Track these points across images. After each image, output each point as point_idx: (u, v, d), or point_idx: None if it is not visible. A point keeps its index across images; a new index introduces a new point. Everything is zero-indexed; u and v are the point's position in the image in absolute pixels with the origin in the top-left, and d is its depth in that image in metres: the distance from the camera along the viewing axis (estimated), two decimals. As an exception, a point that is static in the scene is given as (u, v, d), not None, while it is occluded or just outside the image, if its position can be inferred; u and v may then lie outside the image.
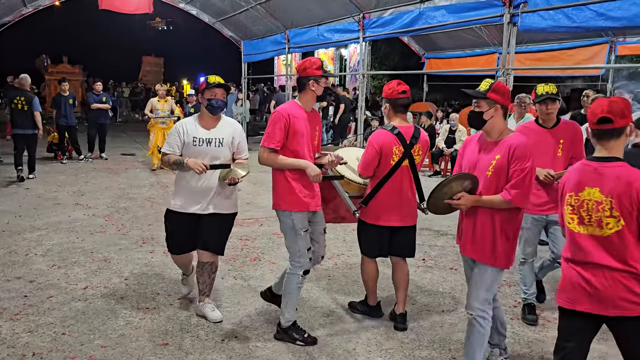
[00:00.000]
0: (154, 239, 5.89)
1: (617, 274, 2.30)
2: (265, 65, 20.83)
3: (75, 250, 5.48)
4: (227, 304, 4.25)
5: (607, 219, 2.30)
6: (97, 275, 4.79)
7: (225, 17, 14.28)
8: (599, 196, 2.31)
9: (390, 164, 3.68)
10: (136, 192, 8.41)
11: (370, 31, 9.00)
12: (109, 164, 11.09)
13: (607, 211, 2.29)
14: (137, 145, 14.41)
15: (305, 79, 3.51)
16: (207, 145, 3.76)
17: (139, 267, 5.05)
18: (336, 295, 4.47)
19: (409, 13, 7.86)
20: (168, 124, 10.35)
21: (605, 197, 2.30)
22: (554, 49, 10.98)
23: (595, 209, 2.33)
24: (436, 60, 14.58)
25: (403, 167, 3.72)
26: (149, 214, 7.03)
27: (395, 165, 3.69)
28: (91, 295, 4.35)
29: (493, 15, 6.15)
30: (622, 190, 2.26)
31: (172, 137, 3.79)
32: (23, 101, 8.83)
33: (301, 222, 3.54)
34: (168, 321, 3.92)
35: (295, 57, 21.82)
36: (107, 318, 3.94)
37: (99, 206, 7.38)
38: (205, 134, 3.78)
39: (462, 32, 11.80)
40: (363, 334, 3.80)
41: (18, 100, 8.83)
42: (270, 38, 12.90)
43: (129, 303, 4.22)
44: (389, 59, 24.46)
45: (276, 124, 3.41)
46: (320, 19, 10.48)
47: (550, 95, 3.88)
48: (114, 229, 6.31)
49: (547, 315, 4.20)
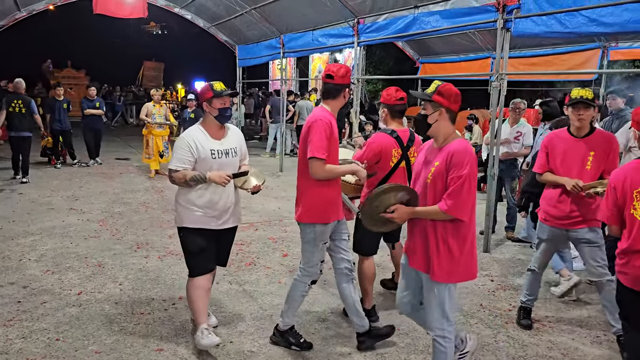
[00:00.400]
0: (148, 244, 5.88)
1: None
2: (259, 69, 20.83)
3: (69, 255, 5.46)
4: (223, 309, 4.24)
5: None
6: (92, 281, 4.77)
7: (220, 22, 14.27)
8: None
9: (390, 165, 3.83)
10: (131, 196, 8.39)
11: (364, 36, 9.01)
12: (103, 168, 11.06)
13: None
14: (131, 149, 14.38)
15: (341, 86, 3.45)
16: (226, 156, 3.53)
17: (133, 272, 5.03)
18: (331, 299, 4.47)
19: (404, 18, 7.87)
20: (165, 129, 10.31)
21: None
22: (547, 54, 11.04)
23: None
24: (430, 65, 14.62)
25: (400, 168, 3.87)
26: (144, 218, 7.01)
27: (394, 167, 3.84)
28: (85, 300, 4.33)
29: (486, 21, 6.17)
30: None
31: (182, 152, 3.41)
32: (21, 104, 9.13)
33: (323, 235, 3.48)
34: (163, 326, 3.91)
35: (290, 61, 21.86)
36: (102, 323, 3.92)
37: (93, 211, 7.36)
38: (219, 145, 3.52)
39: (456, 37, 11.84)
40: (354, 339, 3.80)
41: (16, 104, 9.11)
42: (265, 43, 12.89)
43: (124, 308, 4.20)
44: (384, 64, 24.51)
45: (323, 132, 3.28)
46: (315, 23, 10.49)
47: (583, 100, 3.58)
48: (108, 234, 6.29)
49: (541, 319, 4.22)
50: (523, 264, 5.51)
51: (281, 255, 5.65)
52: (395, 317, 4.05)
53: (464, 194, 2.67)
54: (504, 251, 6.05)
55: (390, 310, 4.24)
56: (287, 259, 5.53)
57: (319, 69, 23.43)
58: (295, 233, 6.36)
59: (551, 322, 4.19)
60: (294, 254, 5.67)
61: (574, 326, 4.12)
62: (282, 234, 6.43)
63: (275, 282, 4.89)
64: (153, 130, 10.22)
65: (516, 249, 6.13)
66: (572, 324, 4.16)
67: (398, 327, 3.90)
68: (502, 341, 3.84)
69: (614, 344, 3.80)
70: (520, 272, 5.32)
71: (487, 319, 4.21)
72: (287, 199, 8.48)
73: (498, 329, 4.03)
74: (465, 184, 2.66)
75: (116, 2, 13.06)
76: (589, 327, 4.11)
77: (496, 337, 3.89)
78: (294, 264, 5.36)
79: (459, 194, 2.67)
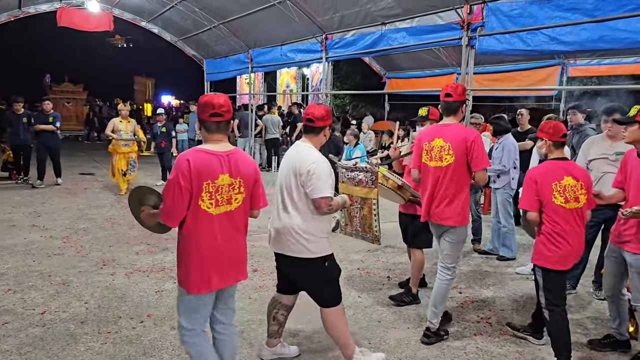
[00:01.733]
0: (114, 261, 5.76)
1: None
2: (227, 84, 20.77)
3: (31, 273, 5.29)
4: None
5: None
6: (56, 300, 4.64)
7: (187, 36, 14.24)
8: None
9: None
10: (95, 212, 8.21)
11: (333, 51, 9.13)
12: (67, 184, 10.75)
13: None
14: (96, 164, 14.10)
15: (460, 102, 3.89)
16: None
17: (99, 290, 4.91)
18: (302, 315, 4.46)
19: (371, 34, 8.03)
20: (131, 146, 9.79)
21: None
22: (510, 70, 11.40)
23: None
24: (397, 80, 14.89)
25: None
26: (110, 235, 6.87)
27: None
28: (49, 320, 4.21)
29: (452, 38, 6.35)
30: None
31: (329, 177, 3.24)
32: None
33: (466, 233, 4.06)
34: (131, 345, 3.82)
35: (258, 76, 21.88)
36: (67, 344, 3.81)
37: (56, 227, 7.16)
38: None
39: (422, 53, 12.11)
40: (330, 353, 3.80)
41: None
42: (233, 57, 12.92)
43: (90, 328, 4.10)
44: (350, 79, 24.80)
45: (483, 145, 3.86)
46: (284, 39, 10.57)
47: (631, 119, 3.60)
48: (72, 251, 6.13)
49: (507, 331, 4.29)
50: (489, 276, 5.62)
51: (251, 270, 5.61)
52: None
53: (166, 201, 2.76)
54: (470, 263, 6.16)
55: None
56: (256, 274, 5.50)
57: (286, 84, 23.53)
58: (264, 248, 6.34)
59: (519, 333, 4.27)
60: (263, 269, 5.64)
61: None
62: (251, 249, 6.36)
63: (246, 297, 4.85)
64: (118, 147, 9.68)
65: (481, 260, 6.24)
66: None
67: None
68: (471, 352, 3.89)
69: (578, 352, 3.91)
70: (487, 283, 5.42)
71: (455, 331, 4.26)
72: (257, 213, 8.43)
73: (467, 341, 4.08)
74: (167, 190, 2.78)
75: (81, 15, 12.90)
76: (555, 336, 4.21)
77: (465, 349, 3.94)
78: (264, 279, 5.33)
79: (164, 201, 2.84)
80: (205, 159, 2.73)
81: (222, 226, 2.81)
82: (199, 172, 2.68)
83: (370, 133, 13.64)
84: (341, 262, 5.76)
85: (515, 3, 5.64)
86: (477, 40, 5.99)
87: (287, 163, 3.38)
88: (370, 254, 6.29)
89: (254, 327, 4.20)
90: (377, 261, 6.06)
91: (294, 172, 3.26)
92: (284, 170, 3.38)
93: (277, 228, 3.34)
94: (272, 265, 5.72)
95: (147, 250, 6.17)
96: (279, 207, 3.36)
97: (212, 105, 2.78)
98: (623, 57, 9.99)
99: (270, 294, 4.87)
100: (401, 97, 18.59)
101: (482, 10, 5.90)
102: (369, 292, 5.09)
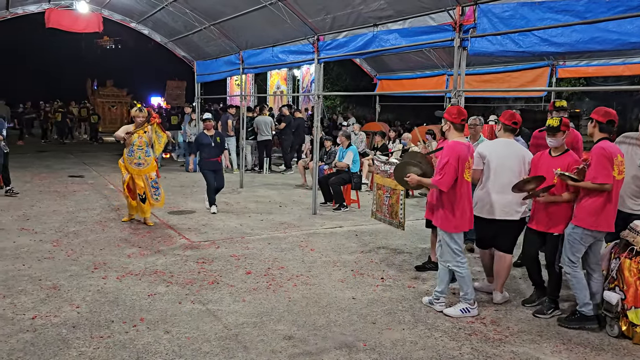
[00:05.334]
0: (106, 264, 5.70)
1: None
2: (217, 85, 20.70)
3: (21, 278, 5.22)
4: (185, 330, 4.14)
5: None
6: (47, 304, 4.58)
7: (178, 37, 14.14)
8: None
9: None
10: (86, 215, 8.13)
11: (324, 53, 9.10)
12: (56, 186, 10.64)
13: None
14: (85, 166, 13.97)
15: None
16: None
17: (91, 294, 4.86)
18: (297, 317, 4.44)
19: (363, 36, 8.01)
20: (146, 165, 7.45)
21: None
22: (500, 71, 11.45)
23: None
24: (388, 82, 14.91)
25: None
26: (100, 238, 6.80)
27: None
28: (40, 325, 4.15)
29: (444, 40, 6.34)
30: None
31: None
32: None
33: None
34: (124, 350, 3.78)
35: (249, 77, 21.83)
36: (59, 349, 3.76)
37: (46, 231, 7.08)
38: None
39: (412, 55, 12.13)
40: (325, 355, 3.78)
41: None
42: (224, 58, 12.83)
43: (82, 332, 4.04)
44: (341, 80, 24.85)
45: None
46: (275, 40, 10.52)
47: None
48: (63, 254, 6.06)
49: (503, 330, 4.30)
50: (482, 275, 5.63)
51: (244, 272, 5.58)
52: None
53: None
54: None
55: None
56: (250, 276, 5.46)
57: (277, 85, 23.51)
58: (258, 250, 6.32)
59: (513, 333, 4.29)
60: (257, 271, 5.61)
61: (535, 336, 4.23)
62: (244, 251, 6.35)
63: (240, 300, 4.81)
64: (129, 166, 7.43)
65: (475, 260, 6.25)
66: (533, 334, 4.26)
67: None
68: (466, 353, 3.89)
69: (572, 352, 3.93)
70: (481, 284, 5.43)
71: (450, 332, 4.26)
72: (248, 215, 8.40)
73: (462, 341, 4.09)
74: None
75: (70, 16, 12.78)
76: (549, 337, 4.22)
77: (461, 350, 3.94)
78: (258, 281, 5.30)
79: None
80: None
81: None
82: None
83: (361, 134, 13.64)
84: (334, 264, 5.76)
85: (507, 5, 5.65)
86: (469, 42, 5.99)
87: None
88: (363, 255, 6.28)
89: (248, 330, 4.17)
90: (370, 262, 6.04)
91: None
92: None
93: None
94: (265, 267, 5.71)
95: (139, 254, 6.11)
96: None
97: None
98: (611, 59, 10.07)
99: (265, 296, 4.88)
100: (392, 99, 18.64)
101: (474, 11, 5.90)
102: (363, 293, 5.08)
